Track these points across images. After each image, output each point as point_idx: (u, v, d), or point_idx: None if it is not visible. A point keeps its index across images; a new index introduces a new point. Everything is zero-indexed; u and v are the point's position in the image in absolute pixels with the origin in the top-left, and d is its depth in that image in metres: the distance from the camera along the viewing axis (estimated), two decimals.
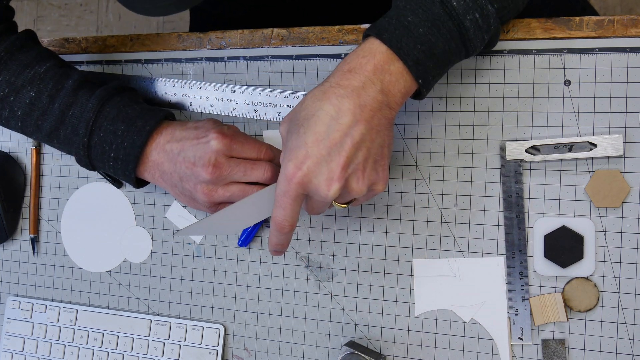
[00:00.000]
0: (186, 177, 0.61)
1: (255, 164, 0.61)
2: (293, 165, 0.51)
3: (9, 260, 0.80)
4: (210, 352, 0.70)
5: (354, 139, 0.51)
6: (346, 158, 0.51)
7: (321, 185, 0.51)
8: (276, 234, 0.55)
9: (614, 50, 0.59)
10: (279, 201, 0.53)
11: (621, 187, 0.58)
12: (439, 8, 0.52)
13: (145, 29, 1.91)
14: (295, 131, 0.52)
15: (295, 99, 0.68)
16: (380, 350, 0.65)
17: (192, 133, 0.62)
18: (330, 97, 0.51)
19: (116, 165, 0.63)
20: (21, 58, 0.65)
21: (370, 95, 0.51)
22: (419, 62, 0.52)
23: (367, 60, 0.52)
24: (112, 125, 0.62)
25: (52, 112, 0.64)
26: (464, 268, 0.62)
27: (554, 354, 0.59)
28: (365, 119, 0.51)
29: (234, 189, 0.61)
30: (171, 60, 0.73)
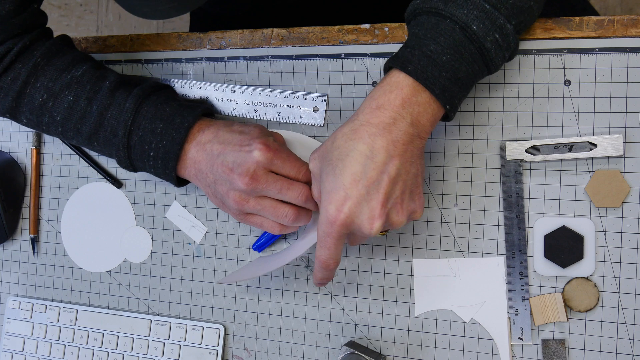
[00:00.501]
0: (221, 180, 0.60)
1: (292, 185, 0.60)
2: (334, 208, 0.52)
3: (9, 260, 0.80)
4: (210, 352, 0.70)
5: (391, 175, 0.52)
6: (385, 195, 0.52)
7: (364, 224, 0.52)
8: (322, 271, 0.56)
9: (614, 50, 0.59)
10: (322, 242, 0.54)
11: (621, 187, 0.58)
12: (459, 34, 0.53)
13: (145, 29, 1.91)
14: (330, 172, 0.53)
15: (295, 98, 0.68)
16: (380, 350, 0.65)
17: (237, 138, 0.61)
18: (363, 136, 0.52)
19: (156, 164, 0.63)
20: (57, 63, 0.65)
21: (402, 130, 0.52)
22: (445, 89, 0.53)
23: (395, 95, 0.53)
24: (150, 124, 0.62)
25: (90, 115, 0.63)
26: (464, 268, 0.62)
27: (554, 354, 0.59)
28: (399, 153, 0.52)
29: (266, 204, 0.60)
30: (171, 60, 0.73)
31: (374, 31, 0.66)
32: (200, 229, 0.72)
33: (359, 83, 0.66)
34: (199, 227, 0.72)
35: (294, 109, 0.68)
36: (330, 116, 0.67)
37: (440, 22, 0.53)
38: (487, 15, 0.52)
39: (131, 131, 0.62)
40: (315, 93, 0.67)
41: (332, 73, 0.67)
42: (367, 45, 0.66)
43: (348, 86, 0.66)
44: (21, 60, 0.65)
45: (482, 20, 0.52)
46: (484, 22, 0.52)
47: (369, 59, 0.66)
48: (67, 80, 0.64)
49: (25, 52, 0.65)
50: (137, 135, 0.62)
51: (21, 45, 0.64)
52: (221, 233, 0.71)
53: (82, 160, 0.77)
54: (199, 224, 0.72)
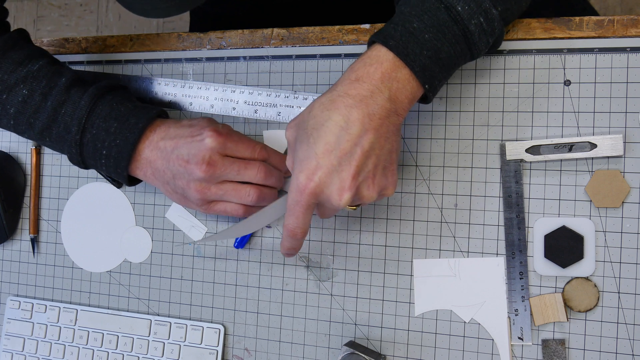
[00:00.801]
0: (179, 174, 0.61)
1: (249, 164, 0.62)
2: (305, 177, 0.52)
3: (9, 260, 0.80)
4: (210, 352, 0.70)
5: (364, 148, 0.51)
6: (357, 167, 0.52)
7: (333, 195, 0.52)
8: (289, 239, 0.56)
9: (614, 50, 0.59)
10: (291, 210, 0.54)
11: (621, 187, 0.58)
12: (444, 14, 0.52)
13: (145, 29, 1.91)
14: (304, 140, 0.53)
15: (295, 98, 0.68)
16: (380, 350, 0.65)
17: (187, 131, 0.62)
18: (339, 107, 0.52)
19: (108, 163, 0.63)
20: (14, 56, 0.65)
21: (379, 104, 0.52)
22: (425, 68, 0.52)
23: (375, 68, 0.52)
24: (104, 123, 0.62)
25: (44, 110, 0.64)
26: (464, 268, 0.62)
27: (554, 354, 0.59)
28: (374, 127, 0.52)
29: (227, 188, 0.61)
30: (171, 60, 0.73)
31: (374, 31, 0.66)
32: (200, 229, 0.72)
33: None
34: (199, 227, 0.72)
35: (294, 109, 0.68)
36: None
37: (425, 0, 0.53)
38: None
39: (85, 129, 0.63)
40: (315, 93, 0.67)
41: (332, 73, 0.67)
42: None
43: None
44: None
45: (467, 2, 0.52)
46: (469, 4, 0.52)
47: None
48: (23, 74, 0.64)
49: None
50: (90, 133, 0.63)
51: None
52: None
53: None
54: (199, 224, 0.72)
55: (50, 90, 0.64)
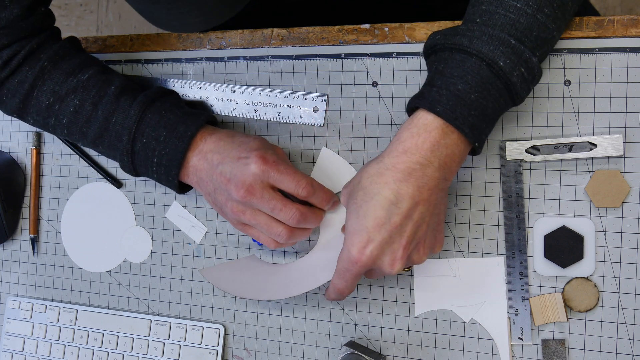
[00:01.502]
0: (220, 189, 0.60)
1: (285, 207, 0.59)
2: (357, 250, 0.53)
3: (9, 260, 0.80)
4: (210, 352, 0.70)
5: (414, 220, 0.53)
6: (408, 239, 0.53)
7: (384, 265, 0.54)
8: (336, 295, 0.58)
9: (614, 50, 0.59)
10: (342, 275, 0.56)
11: (621, 187, 0.58)
12: (486, 71, 0.52)
13: (145, 29, 1.91)
14: (354, 212, 0.54)
15: (295, 98, 0.68)
16: (380, 350, 0.65)
17: (236, 149, 0.61)
18: (388, 181, 0.52)
19: (159, 171, 0.63)
20: (64, 66, 0.66)
21: (428, 176, 0.52)
22: (474, 128, 0.52)
23: (424, 138, 0.52)
24: (154, 132, 0.62)
25: (95, 119, 0.64)
26: (464, 268, 0.62)
27: (554, 354, 0.59)
28: (424, 199, 0.52)
29: (261, 220, 0.60)
30: (171, 60, 0.73)
31: (374, 31, 0.66)
32: (200, 229, 0.72)
33: (359, 83, 0.66)
34: (199, 227, 0.72)
35: (294, 109, 0.68)
36: (330, 116, 0.67)
37: (466, 59, 0.53)
38: (513, 51, 0.52)
39: (135, 137, 0.63)
40: (315, 93, 0.67)
41: (332, 73, 0.67)
42: (367, 45, 0.66)
43: (348, 86, 0.66)
44: (28, 63, 0.65)
45: (508, 56, 0.52)
46: (510, 57, 0.52)
47: (369, 59, 0.66)
48: (74, 85, 0.65)
49: (33, 55, 0.66)
50: (140, 142, 0.63)
51: (29, 49, 0.65)
52: (221, 233, 0.71)
53: (82, 160, 0.77)
54: (199, 224, 0.72)
55: (101, 100, 0.64)
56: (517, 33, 0.52)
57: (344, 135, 0.66)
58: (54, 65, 0.66)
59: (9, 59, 0.65)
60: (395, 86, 0.65)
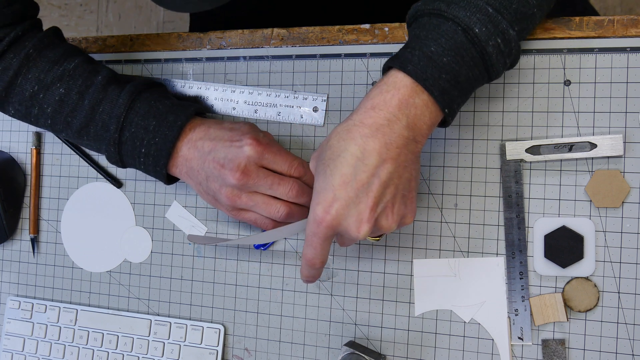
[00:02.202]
0: (213, 177, 0.60)
1: (283, 180, 0.60)
2: (322, 209, 0.51)
3: (9, 260, 0.80)
4: (210, 352, 0.70)
5: (382, 179, 0.50)
6: (374, 199, 0.51)
7: (351, 227, 0.51)
8: (307, 268, 0.56)
9: (614, 50, 0.59)
10: (309, 241, 0.53)
11: (621, 187, 0.58)
12: (461, 36, 0.51)
13: (145, 29, 1.91)
14: (322, 171, 0.52)
15: (295, 98, 0.68)
16: (380, 350, 0.65)
17: (227, 134, 0.61)
18: (355, 137, 0.51)
19: (147, 161, 0.63)
20: (49, 55, 0.65)
21: (396, 132, 0.51)
22: (444, 92, 0.51)
23: (392, 95, 0.51)
24: (143, 121, 0.62)
25: (82, 108, 0.63)
26: (464, 268, 0.62)
27: (554, 354, 0.59)
28: (392, 157, 0.51)
29: (258, 200, 0.60)
30: (171, 60, 0.73)
31: (374, 31, 0.66)
32: (200, 229, 0.72)
33: (359, 83, 0.66)
34: (199, 227, 0.72)
35: (294, 109, 0.68)
36: (330, 116, 0.67)
37: (442, 23, 0.52)
38: (490, 19, 0.51)
39: (123, 127, 0.62)
40: (315, 93, 0.67)
41: (332, 73, 0.67)
42: (367, 45, 0.66)
43: (348, 86, 0.66)
44: (13, 51, 0.64)
45: (484, 24, 0.51)
46: (486, 25, 0.51)
47: (369, 59, 0.66)
48: (59, 73, 0.64)
49: (17, 43, 0.65)
50: (129, 131, 0.62)
51: (13, 35, 0.64)
52: (221, 233, 0.71)
53: (82, 160, 0.77)
54: (199, 224, 0.72)
55: (87, 89, 0.63)
56: (495, 3, 0.52)
57: None
58: (39, 53, 0.65)
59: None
60: None
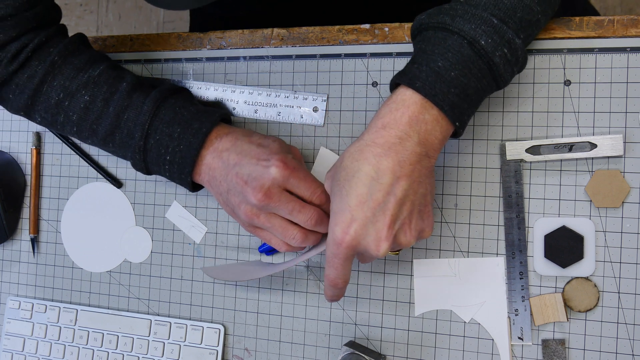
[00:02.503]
0: (234, 191, 0.59)
1: (304, 208, 0.59)
2: (340, 230, 0.52)
3: (9, 260, 0.80)
4: (210, 352, 0.70)
5: (397, 196, 0.51)
6: (391, 217, 0.51)
7: (370, 246, 0.52)
8: (331, 289, 0.56)
9: (614, 50, 0.59)
10: (330, 262, 0.54)
11: (621, 187, 0.58)
12: (467, 49, 0.52)
13: (145, 29, 1.91)
14: (337, 192, 0.53)
15: (295, 98, 0.68)
16: (380, 350, 0.65)
17: (255, 150, 0.60)
18: (368, 157, 0.51)
19: (172, 169, 0.62)
20: (75, 62, 0.64)
21: (409, 150, 0.51)
22: (454, 106, 0.52)
23: (402, 113, 0.52)
24: (167, 128, 0.61)
25: (107, 115, 0.63)
26: (464, 268, 0.62)
27: (554, 354, 0.59)
28: (406, 174, 0.51)
29: (275, 222, 0.59)
30: (171, 60, 0.73)
31: (374, 31, 0.66)
32: (200, 229, 0.72)
33: (359, 83, 0.66)
34: (199, 227, 0.72)
35: (294, 109, 0.68)
36: (330, 116, 0.67)
37: (447, 37, 0.52)
38: (495, 30, 0.51)
39: (148, 134, 0.62)
40: (315, 93, 0.67)
41: (332, 73, 0.67)
42: (367, 45, 0.66)
43: (348, 86, 0.66)
44: (37, 57, 0.64)
45: (490, 35, 0.51)
46: (492, 36, 0.51)
47: (369, 59, 0.66)
48: (84, 80, 0.64)
49: (42, 49, 0.64)
50: (154, 138, 0.62)
51: (37, 42, 0.64)
52: (221, 233, 0.71)
53: (82, 160, 0.77)
54: (199, 224, 0.72)
55: (112, 96, 0.63)
56: (500, 13, 0.52)
57: (344, 135, 0.66)
58: (64, 60, 0.64)
59: (17, 53, 0.63)
60: None
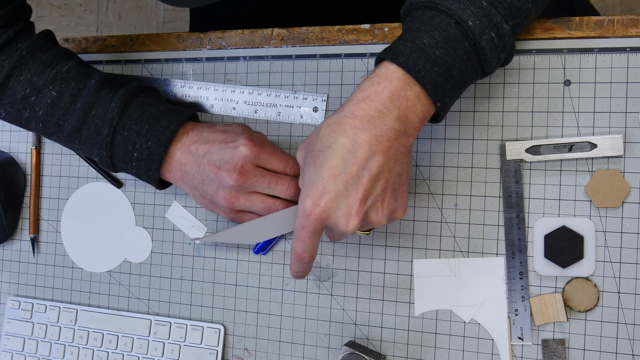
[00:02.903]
0: (209, 180, 0.60)
1: (280, 178, 0.60)
2: (310, 201, 0.51)
3: (9, 260, 0.80)
4: (210, 352, 0.70)
5: (372, 171, 0.50)
6: (364, 192, 0.50)
7: (340, 221, 0.51)
8: (297, 263, 0.55)
9: (614, 50, 0.59)
10: (298, 234, 0.53)
11: (621, 187, 0.58)
12: (454, 29, 0.51)
13: (145, 29, 1.91)
14: (311, 163, 0.52)
15: (295, 98, 0.68)
16: (380, 350, 0.65)
17: (221, 136, 0.61)
18: (346, 129, 0.50)
19: (139, 166, 0.63)
20: (42, 57, 0.65)
21: (387, 125, 0.50)
22: (436, 85, 0.51)
23: (383, 86, 0.51)
24: (136, 125, 0.62)
25: (74, 111, 0.63)
26: (464, 268, 0.62)
27: (554, 354, 0.59)
28: (383, 150, 0.50)
29: (256, 200, 0.60)
30: (171, 60, 0.73)
31: (374, 31, 0.66)
32: (200, 229, 0.72)
33: (359, 83, 0.66)
34: (199, 227, 0.72)
35: (294, 109, 0.68)
36: None
37: (435, 15, 0.52)
38: (483, 12, 0.51)
39: (115, 131, 0.62)
40: (315, 93, 0.67)
41: (332, 73, 0.67)
42: (367, 45, 0.66)
43: (348, 86, 0.66)
44: (5, 53, 0.64)
45: (478, 17, 0.51)
46: (480, 18, 0.51)
47: (369, 59, 0.66)
48: (52, 76, 0.64)
49: (10, 45, 0.65)
50: (121, 135, 0.62)
51: (6, 37, 0.64)
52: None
53: (82, 160, 0.77)
54: (199, 224, 0.72)
55: (80, 92, 0.63)
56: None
57: None
58: (32, 56, 0.64)
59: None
60: None
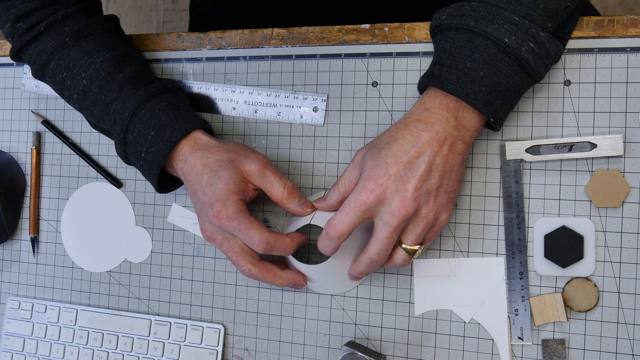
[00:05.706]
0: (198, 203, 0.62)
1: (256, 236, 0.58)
2: (372, 181, 0.55)
3: (9, 260, 0.80)
4: (210, 352, 0.70)
5: (429, 163, 0.54)
6: (420, 179, 0.54)
7: (395, 202, 0.54)
8: (329, 239, 0.57)
9: (614, 50, 0.59)
10: (346, 209, 0.55)
11: (621, 187, 0.58)
12: (493, 49, 0.54)
13: (145, 29, 1.91)
14: (376, 153, 0.56)
15: (295, 98, 0.68)
16: (380, 350, 0.65)
17: (202, 190, 0.61)
18: (411, 129, 0.55)
19: (145, 167, 0.64)
20: (84, 45, 0.67)
21: (447, 131, 0.55)
22: (487, 103, 0.54)
23: (440, 101, 0.56)
24: (144, 129, 0.63)
25: (99, 102, 0.66)
26: (464, 268, 0.62)
27: (554, 354, 0.59)
28: (441, 150, 0.55)
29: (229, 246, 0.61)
30: (171, 60, 0.73)
31: (374, 31, 0.66)
32: None
33: (359, 83, 0.66)
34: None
35: (294, 109, 0.68)
36: (330, 116, 0.67)
37: (473, 39, 0.55)
38: (517, 27, 0.53)
39: (127, 130, 0.64)
40: (315, 93, 0.67)
41: (332, 73, 0.67)
42: (367, 45, 0.66)
43: (348, 86, 0.66)
44: (50, 34, 0.67)
45: (513, 32, 0.53)
46: (515, 33, 0.53)
47: (369, 59, 0.66)
48: (86, 65, 0.66)
49: (55, 27, 0.66)
50: (132, 135, 0.64)
51: (52, 18, 0.66)
52: None
53: (82, 160, 0.77)
54: None
55: (107, 84, 0.65)
56: (522, 8, 0.54)
57: (344, 135, 0.66)
58: (75, 42, 0.67)
59: (32, 25, 0.66)
60: (395, 86, 0.65)
